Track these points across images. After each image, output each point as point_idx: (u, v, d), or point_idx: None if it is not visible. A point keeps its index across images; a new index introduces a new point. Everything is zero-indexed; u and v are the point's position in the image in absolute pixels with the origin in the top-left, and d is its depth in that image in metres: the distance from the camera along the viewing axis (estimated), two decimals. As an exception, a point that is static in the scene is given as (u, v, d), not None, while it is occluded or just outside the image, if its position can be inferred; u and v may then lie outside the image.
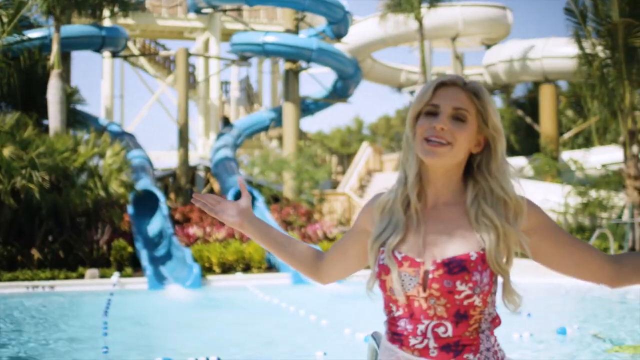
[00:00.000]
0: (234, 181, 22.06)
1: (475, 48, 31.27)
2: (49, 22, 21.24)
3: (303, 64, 25.59)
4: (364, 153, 28.72)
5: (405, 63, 34.64)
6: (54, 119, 18.61)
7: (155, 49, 30.14)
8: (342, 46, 26.89)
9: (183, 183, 23.88)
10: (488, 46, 29.63)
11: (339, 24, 24.96)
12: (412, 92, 32.53)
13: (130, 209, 18.68)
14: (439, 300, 2.03)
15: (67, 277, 15.71)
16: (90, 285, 15.28)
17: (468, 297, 2.02)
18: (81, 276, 15.90)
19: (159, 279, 15.81)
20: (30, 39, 20.74)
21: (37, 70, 20.64)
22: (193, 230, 18.70)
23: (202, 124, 28.35)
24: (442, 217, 2.14)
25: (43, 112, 19.75)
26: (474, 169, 2.16)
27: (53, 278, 15.54)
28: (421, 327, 2.05)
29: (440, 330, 2.04)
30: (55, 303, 13.45)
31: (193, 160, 26.61)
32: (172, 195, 24.76)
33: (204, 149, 27.79)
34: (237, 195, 21.13)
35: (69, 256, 16.71)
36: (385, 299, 2.16)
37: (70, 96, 21.19)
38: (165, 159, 29.38)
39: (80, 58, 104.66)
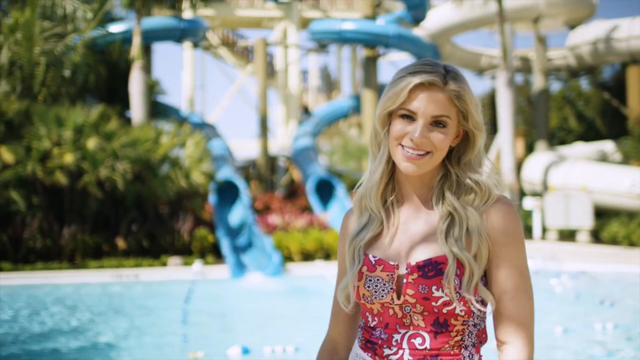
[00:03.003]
0: (314, 169, 22.09)
1: (558, 29, 30.41)
2: (130, 15, 21.67)
3: (381, 50, 25.41)
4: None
5: (487, 47, 33.99)
6: (137, 110, 19.00)
7: (234, 39, 30.41)
8: (421, 31, 26.56)
9: (263, 172, 24.06)
10: (572, 27, 28.78)
11: (417, 9, 24.64)
12: (493, 77, 31.92)
13: (212, 199, 18.92)
14: (415, 307, 1.86)
15: (151, 266, 16.04)
16: (173, 273, 15.55)
17: (446, 304, 1.83)
18: (164, 265, 16.21)
19: (240, 268, 15.97)
20: (112, 33, 21.26)
21: (120, 63, 21.09)
22: (273, 218, 18.81)
23: (282, 112, 28.50)
24: (418, 216, 1.97)
25: (126, 104, 20.19)
26: (447, 157, 1.98)
27: (137, 266, 15.89)
28: (396, 337, 1.89)
29: (417, 341, 1.87)
30: (139, 291, 13.75)
31: (273, 149, 26.78)
32: (252, 184, 25.00)
33: (284, 138, 27.94)
34: (318, 183, 21.02)
35: (153, 245, 17.05)
36: (361, 307, 2.00)
37: (152, 88, 21.60)
38: (246, 148, 29.66)
39: (161, 50, 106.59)
